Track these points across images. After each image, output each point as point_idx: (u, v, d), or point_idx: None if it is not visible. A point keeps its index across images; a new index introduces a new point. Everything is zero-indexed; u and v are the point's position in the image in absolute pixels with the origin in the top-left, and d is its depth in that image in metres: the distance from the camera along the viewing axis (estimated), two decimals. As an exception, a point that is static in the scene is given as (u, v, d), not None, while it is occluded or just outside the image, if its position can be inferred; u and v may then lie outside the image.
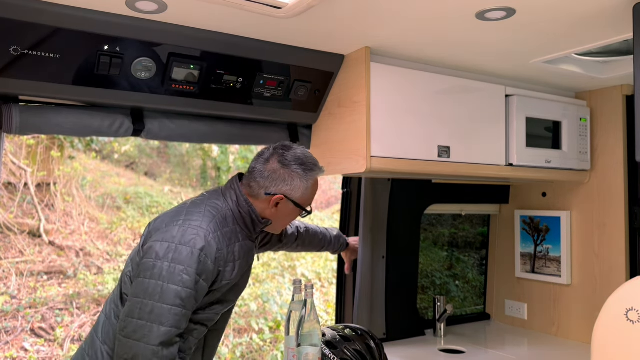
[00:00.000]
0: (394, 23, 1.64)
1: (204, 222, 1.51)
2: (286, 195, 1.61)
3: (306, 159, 1.63)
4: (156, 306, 1.41)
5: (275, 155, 1.62)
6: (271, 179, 1.60)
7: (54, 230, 5.61)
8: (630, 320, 1.39)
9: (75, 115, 1.71)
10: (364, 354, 1.84)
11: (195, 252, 1.45)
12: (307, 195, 1.65)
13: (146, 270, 1.45)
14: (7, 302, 4.94)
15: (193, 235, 1.47)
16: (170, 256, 1.44)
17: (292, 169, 1.61)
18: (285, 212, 1.65)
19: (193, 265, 1.44)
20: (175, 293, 1.42)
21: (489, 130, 2.18)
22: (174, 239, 1.46)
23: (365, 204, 2.47)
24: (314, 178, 1.65)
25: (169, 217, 1.55)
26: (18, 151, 5.54)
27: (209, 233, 1.49)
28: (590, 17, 1.59)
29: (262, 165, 1.62)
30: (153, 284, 1.42)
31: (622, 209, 2.39)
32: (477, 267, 3.25)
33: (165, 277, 1.42)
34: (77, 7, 1.46)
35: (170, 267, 1.43)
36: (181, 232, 1.47)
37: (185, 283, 1.43)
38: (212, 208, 1.57)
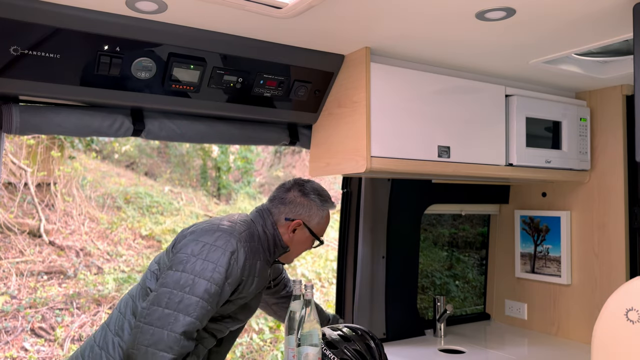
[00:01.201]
0: (394, 23, 1.64)
1: (236, 232, 1.64)
2: (304, 222, 1.77)
3: (322, 191, 1.83)
4: (185, 297, 1.50)
5: (295, 185, 1.81)
6: (292, 205, 1.77)
7: (54, 230, 5.61)
8: (630, 320, 1.39)
9: (75, 115, 1.71)
10: (364, 354, 1.84)
11: (227, 254, 1.56)
12: (322, 225, 1.82)
13: (179, 263, 1.55)
14: (7, 302, 4.94)
15: (227, 240, 1.59)
16: (204, 254, 1.55)
17: (310, 197, 1.79)
18: (301, 238, 1.80)
19: (224, 265, 1.55)
20: (205, 287, 1.51)
21: (489, 130, 2.18)
22: (209, 239, 1.59)
23: (365, 204, 2.47)
24: (328, 209, 1.83)
25: (203, 225, 1.67)
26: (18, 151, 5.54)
27: (241, 242, 1.62)
28: (590, 17, 1.59)
29: (284, 194, 1.80)
30: (185, 277, 1.52)
31: (622, 209, 2.39)
32: (477, 267, 3.25)
33: (198, 272, 1.52)
34: (77, 7, 1.46)
35: (204, 264, 1.53)
36: (216, 236, 1.60)
37: (215, 280, 1.53)
38: (243, 223, 1.71)
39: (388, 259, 2.54)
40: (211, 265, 1.54)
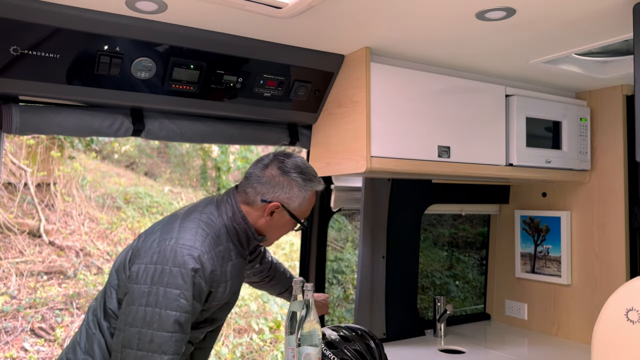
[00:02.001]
0: (394, 23, 1.64)
1: (197, 241, 1.44)
2: (283, 204, 1.56)
3: (306, 168, 1.60)
4: (156, 335, 1.35)
5: (274, 161, 1.58)
6: (269, 185, 1.55)
7: (54, 230, 5.61)
8: (631, 321, 1.39)
9: (75, 115, 1.71)
10: (364, 354, 1.84)
11: (189, 275, 1.38)
12: (304, 207, 1.60)
13: (140, 296, 1.37)
14: (7, 302, 4.94)
15: (187, 257, 1.40)
16: (165, 280, 1.37)
17: (291, 176, 1.56)
18: (280, 222, 1.59)
19: (189, 289, 1.38)
20: (174, 319, 1.36)
21: (489, 130, 2.18)
22: (167, 261, 1.39)
23: (365, 204, 2.47)
24: (312, 189, 1.60)
25: (160, 235, 1.46)
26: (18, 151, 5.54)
27: (203, 254, 1.43)
28: (590, 17, 1.59)
29: (261, 171, 1.57)
30: (150, 312, 1.36)
31: (622, 209, 2.39)
32: (477, 267, 3.25)
33: (162, 304, 1.36)
34: (77, 7, 1.46)
35: (167, 293, 1.36)
36: (173, 253, 1.40)
37: (182, 308, 1.37)
38: (206, 225, 1.50)
39: (388, 259, 2.54)
40: (175, 292, 1.36)
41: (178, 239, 1.43)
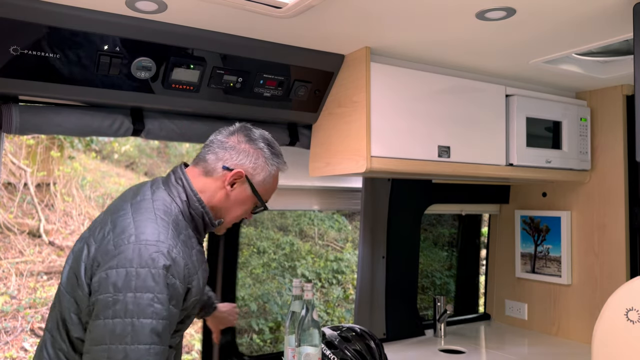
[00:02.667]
0: (394, 23, 1.64)
1: (162, 234, 1.23)
2: (246, 173, 1.38)
3: (274, 142, 1.47)
4: (130, 350, 1.13)
5: (241, 129, 1.44)
6: (233, 151, 1.39)
7: (54, 230, 5.61)
8: (631, 320, 1.39)
9: (75, 115, 1.71)
10: (364, 354, 1.84)
11: (161, 272, 1.17)
12: (268, 185, 1.44)
13: (105, 308, 1.14)
14: (7, 302, 4.94)
15: (154, 253, 1.18)
16: (132, 284, 1.14)
17: (258, 145, 1.42)
18: (240, 197, 1.41)
19: (163, 291, 1.17)
20: (150, 328, 1.15)
21: (489, 130, 2.17)
22: (131, 262, 1.16)
23: (365, 204, 2.47)
24: (277, 166, 1.45)
25: (114, 236, 1.22)
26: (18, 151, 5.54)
27: (172, 247, 1.22)
28: (591, 17, 1.59)
29: (225, 137, 1.42)
30: (120, 324, 1.13)
31: (622, 209, 2.39)
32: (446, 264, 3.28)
33: (134, 312, 1.14)
34: (77, 7, 1.46)
35: (137, 298, 1.14)
36: (137, 251, 1.18)
37: (158, 314, 1.16)
38: (164, 212, 1.29)
39: (388, 259, 2.54)
40: (147, 296, 1.15)
41: (138, 234, 1.20)
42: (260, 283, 5.70)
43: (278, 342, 5.35)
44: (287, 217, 6.40)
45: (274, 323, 5.46)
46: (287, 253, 6.13)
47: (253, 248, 6.05)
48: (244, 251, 5.99)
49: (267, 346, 5.34)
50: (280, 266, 6.01)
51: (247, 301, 5.41)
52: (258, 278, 5.75)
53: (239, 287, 5.47)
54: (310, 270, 6.11)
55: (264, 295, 5.53)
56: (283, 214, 6.36)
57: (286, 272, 5.96)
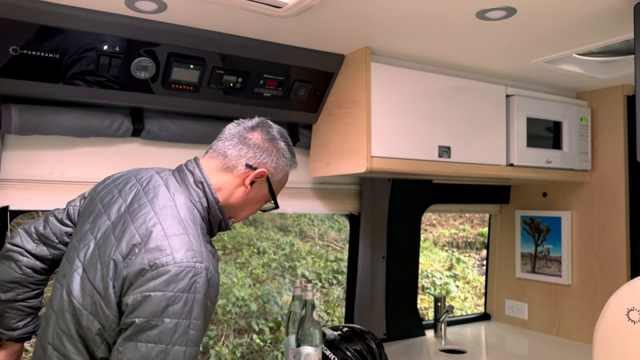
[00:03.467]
0: (394, 23, 1.63)
1: (197, 253, 1.14)
2: (269, 175, 1.35)
3: (290, 141, 1.42)
4: None
5: (263, 125, 1.37)
6: (256, 149, 1.32)
7: (54, 230, 5.59)
8: (632, 321, 1.39)
9: (75, 115, 1.71)
10: (364, 354, 1.84)
11: (198, 298, 1.11)
12: (282, 185, 1.42)
13: (141, 331, 1.08)
14: (7, 302, 4.93)
15: (193, 277, 1.11)
16: (170, 310, 1.08)
17: (279, 145, 1.37)
18: (256, 196, 1.36)
19: (199, 317, 1.11)
20: (183, 355, 1.10)
21: (490, 130, 2.17)
22: (168, 285, 1.09)
23: (365, 204, 2.47)
24: (292, 166, 1.42)
25: (149, 249, 1.12)
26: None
27: (209, 267, 1.15)
28: (591, 17, 1.59)
29: (246, 132, 1.34)
30: (154, 349, 1.08)
31: (623, 209, 2.39)
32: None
33: (169, 339, 1.08)
34: (77, 7, 1.46)
35: (174, 325, 1.08)
36: (175, 274, 1.10)
37: (193, 340, 1.11)
38: (192, 222, 1.21)
39: (388, 259, 2.54)
40: (184, 323, 1.09)
41: (175, 254, 1.11)
42: (260, 283, 5.70)
43: (278, 342, 5.35)
44: (287, 218, 6.39)
45: (274, 323, 5.46)
46: (287, 253, 6.13)
47: (253, 248, 6.05)
48: (244, 251, 5.99)
49: (267, 346, 5.34)
50: (280, 266, 6.01)
51: (247, 301, 5.41)
52: (258, 278, 5.75)
53: (239, 287, 5.48)
54: (310, 270, 6.11)
55: (264, 295, 5.53)
56: (283, 214, 6.36)
57: (286, 273, 5.96)
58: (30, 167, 1.75)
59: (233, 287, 5.44)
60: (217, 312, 5.26)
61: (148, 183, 1.29)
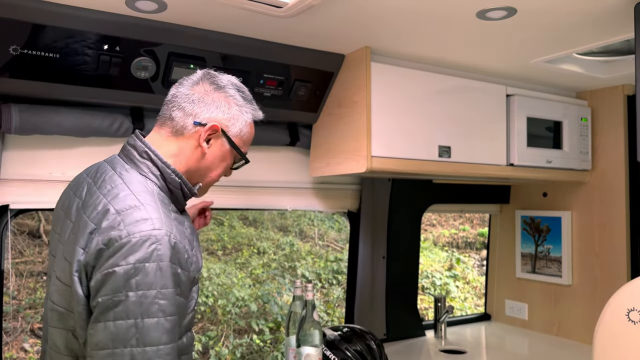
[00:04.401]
0: (394, 23, 1.63)
1: (155, 220, 1.09)
2: (222, 127, 1.25)
3: (243, 87, 1.33)
4: (137, 352, 1.03)
5: (206, 76, 1.28)
6: (202, 103, 1.24)
7: (54, 230, 5.60)
8: (632, 321, 1.39)
9: (75, 115, 1.71)
10: (364, 354, 1.84)
11: (162, 265, 1.07)
12: (245, 136, 1.31)
13: (106, 310, 1.04)
14: (6, 302, 4.94)
15: (152, 245, 1.06)
16: (132, 282, 1.04)
17: (228, 92, 1.27)
18: (218, 154, 1.28)
19: (167, 284, 1.07)
20: (158, 327, 1.05)
21: (490, 130, 2.17)
22: (127, 258, 1.05)
23: (365, 204, 2.47)
24: (252, 113, 1.32)
25: (102, 231, 1.08)
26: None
27: (170, 233, 1.10)
28: (591, 17, 1.59)
29: (188, 88, 1.26)
30: (123, 326, 1.04)
31: (623, 209, 2.39)
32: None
33: (137, 312, 1.04)
34: (77, 7, 1.46)
35: (138, 297, 1.04)
36: (133, 245, 1.06)
37: (165, 310, 1.06)
38: (145, 193, 1.15)
39: (388, 259, 2.54)
40: (149, 294, 1.05)
41: (130, 227, 1.07)
42: (260, 283, 5.70)
43: (278, 342, 5.35)
44: (287, 218, 6.39)
45: (274, 323, 5.46)
46: (287, 253, 6.13)
47: (253, 248, 6.05)
48: (244, 251, 5.99)
49: (267, 346, 5.34)
50: (280, 266, 6.01)
51: (247, 302, 5.41)
52: (258, 278, 5.75)
53: (239, 288, 5.47)
54: (310, 270, 6.11)
55: (264, 295, 5.52)
56: (283, 214, 6.36)
57: (286, 273, 5.96)
58: (30, 167, 1.75)
59: (233, 287, 5.44)
60: (217, 313, 5.26)
61: (96, 173, 1.24)
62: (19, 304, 4.98)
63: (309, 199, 2.34)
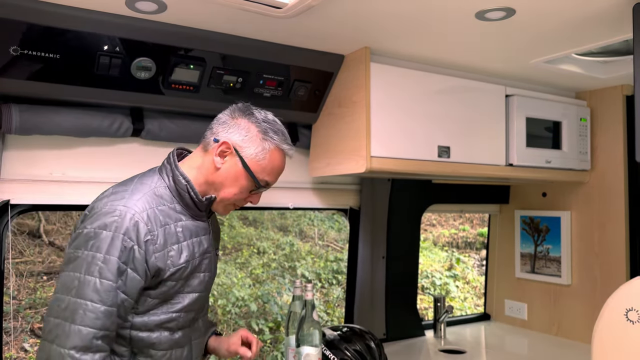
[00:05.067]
0: (393, 23, 1.64)
1: (130, 201, 1.29)
2: (234, 146, 1.37)
3: (274, 121, 1.44)
4: (71, 301, 1.20)
5: (241, 106, 1.44)
6: (226, 125, 1.40)
7: (54, 230, 5.60)
8: (630, 321, 1.39)
9: (75, 115, 1.71)
10: (364, 354, 1.84)
11: (117, 236, 1.24)
12: (263, 162, 1.39)
13: (67, 263, 1.26)
14: (6, 302, 4.93)
15: (115, 217, 1.25)
16: (89, 244, 1.24)
17: (252, 119, 1.40)
18: (231, 172, 1.39)
19: (114, 252, 1.23)
20: (92, 286, 1.21)
21: (489, 130, 2.18)
22: (92, 223, 1.26)
23: (365, 204, 2.47)
24: (275, 143, 1.40)
25: (96, 200, 1.34)
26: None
27: (136, 213, 1.27)
28: (590, 17, 1.59)
29: (222, 114, 1.44)
30: (71, 277, 1.23)
31: (622, 209, 2.39)
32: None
33: (82, 268, 1.22)
34: (77, 7, 1.46)
35: (87, 257, 1.23)
36: (103, 213, 1.26)
37: (103, 274, 1.22)
38: (142, 184, 1.36)
39: (388, 259, 2.54)
40: (98, 256, 1.22)
41: (106, 200, 1.30)
42: (260, 283, 5.70)
43: (278, 342, 5.35)
44: (287, 218, 6.40)
45: (274, 323, 5.46)
46: (287, 253, 6.14)
47: (253, 248, 6.05)
48: (244, 251, 5.99)
49: (267, 346, 5.34)
50: (280, 266, 6.01)
51: (247, 302, 5.41)
52: (258, 278, 5.75)
53: (239, 287, 5.48)
54: (310, 270, 6.11)
55: (264, 295, 5.53)
56: (283, 214, 6.36)
57: (286, 273, 5.96)
58: (30, 167, 1.75)
59: (233, 287, 5.44)
60: (217, 312, 5.26)
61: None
62: (19, 304, 4.98)
63: (309, 198, 2.34)
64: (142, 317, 1.33)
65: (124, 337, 1.32)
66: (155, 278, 1.31)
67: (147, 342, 1.34)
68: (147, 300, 1.33)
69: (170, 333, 1.37)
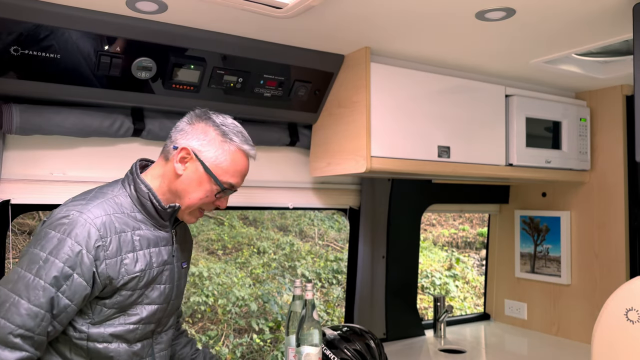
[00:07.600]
0: (393, 24, 1.64)
1: (86, 207, 1.29)
2: (193, 151, 1.37)
3: (234, 123, 1.43)
4: (4, 293, 1.22)
5: (198, 112, 1.44)
6: (184, 132, 1.40)
7: (54, 230, 5.59)
8: (630, 320, 1.40)
9: (75, 115, 1.71)
10: (364, 354, 1.84)
11: (65, 239, 1.23)
12: (224, 164, 1.38)
13: (21, 256, 1.27)
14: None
15: (67, 221, 1.26)
16: (39, 243, 1.25)
17: (210, 123, 1.40)
18: (193, 178, 1.38)
19: (60, 256, 1.22)
20: (25, 282, 1.21)
21: (489, 130, 2.18)
22: (48, 225, 1.27)
23: (365, 204, 2.47)
24: (235, 145, 1.40)
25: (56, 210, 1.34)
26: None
27: (88, 218, 1.27)
28: (590, 17, 1.59)
29: (179, 122, 1.44)
30: (14, 271, 1.25)
31: (622, 208, 2.39)
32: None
33: (25, 264, 1.23)
34: (77, 7, 1.46)
35: (33, 254, 1.24)
36: (57, 217, 1.27)
37: (39, 274, 1.22)
38: (102, 193, 1.36)
39: (388, 258, 2.55)
40: (40, 255, 1.23)
41: (63, 206, 1.32)
42: (260, 283, 5.70)
43: (278, 342, 5.36)
44: (287, 217, 6.40)
45: (274, 323, 5.47)
46: (287, 253, 6.14)
47: (253, 248, 6.06)
48: (244, 251, 6.00)
49: (267, 346, 5.34)
50: (280, 266, 6.01)
51: (247, 301, 5.42)
52: (258, 278, 5.75)
53: (239, 287, 5.48)
54: (310, 270, 6.11)
55: (264, 295, 5.53)
56: (283, 214, 6.37)
57: (286, 272, 5.96)
58: (31, 167, 1.75)
59: (233, 287, 5.44)
60: (217, 312, 5.27)
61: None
62: (19, 303, 4.98)
63: (309, 198, 2.34)
64: (98, 328, 1.31)
65: (82, 348, 1.31)
66: (109, 287, 1.29)
67: (104, 353, 1.32)
68: (102, 310, 1.31)
69: (128, 345, 1.36)
